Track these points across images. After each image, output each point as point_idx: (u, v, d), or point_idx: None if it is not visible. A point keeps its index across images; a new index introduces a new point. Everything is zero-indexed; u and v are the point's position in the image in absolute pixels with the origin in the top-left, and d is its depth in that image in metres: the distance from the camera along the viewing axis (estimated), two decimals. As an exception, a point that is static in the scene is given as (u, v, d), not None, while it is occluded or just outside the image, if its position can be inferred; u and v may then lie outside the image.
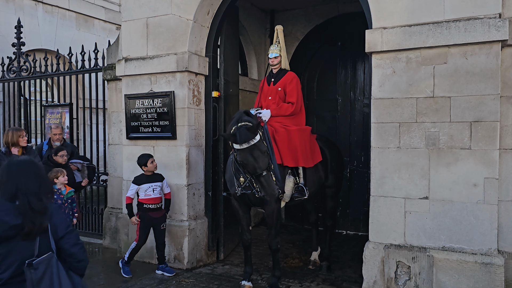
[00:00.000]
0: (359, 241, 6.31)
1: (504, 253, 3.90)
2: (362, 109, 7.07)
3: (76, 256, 2.30)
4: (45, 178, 2.40)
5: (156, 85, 5.47)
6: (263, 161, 3.99)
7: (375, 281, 4.21)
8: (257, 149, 3.94)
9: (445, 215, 3.94)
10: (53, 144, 5.85)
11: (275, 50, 4.87)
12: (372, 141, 4.25)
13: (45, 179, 2.38)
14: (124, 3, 5.77)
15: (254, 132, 3.95)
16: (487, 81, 3.78)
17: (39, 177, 2.28)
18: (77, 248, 2.32)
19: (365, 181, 6.75)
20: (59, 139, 5.92)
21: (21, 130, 5.24)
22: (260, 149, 3.95)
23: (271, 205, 4.41)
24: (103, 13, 11.69)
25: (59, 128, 5.96)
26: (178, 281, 4.88)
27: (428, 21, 3.97)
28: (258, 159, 3.99)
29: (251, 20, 7.53)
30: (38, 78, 7.54)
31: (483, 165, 3.80)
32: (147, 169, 5.06)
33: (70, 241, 2.28)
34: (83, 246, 2.41)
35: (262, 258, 5.68)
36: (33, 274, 2.11)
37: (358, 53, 6.65)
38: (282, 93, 4.80)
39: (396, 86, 4.12)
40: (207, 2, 5.30)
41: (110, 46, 6.41)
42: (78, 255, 2.31)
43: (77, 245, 2.32)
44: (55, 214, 2.28)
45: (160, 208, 5.12)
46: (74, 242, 2.31)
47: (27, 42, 8.08)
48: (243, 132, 3.97)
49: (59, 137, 5.93)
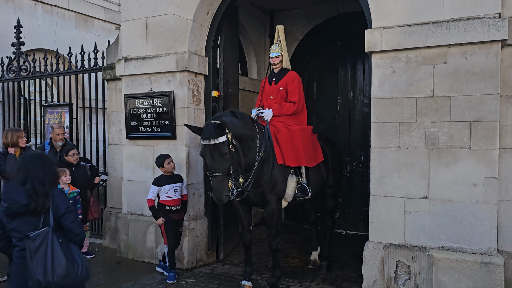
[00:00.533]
0: (358, 240, 6.31)
1: (504, 252, 3.90)
2: (361, 108, 7.07)
3: (73, 231, 2.79)
4: (50, 168, 2.85)
5: (156, 85, 5.46)
6: (219, 163, 3.87)
7: (375, 281, 4.21)
8: (216, 150, 3.85)
9: (445, 214, 3.95)
10: (55, 144, 5.83)
11: (276, 49, 4.87)
12: (372, 141, 4.25)
13: (50, 169, 2.84)
14: (124, 3, 5.77)
15: (219, 133, 3.86)
16: (487, 80, 3.78)
17: (45, 167, 2.79)
18: (75, 225, 2.81)
19: (364, 181, 6.76)
20: (62, 139, 5.88)
21: (21, 131, 5.23)
22: (219, 151, 3.85)
23: (272, 205, 4.42)
24: (102, 13, 11.68)
25: (61, 128, 5.93)
26: (178, 281, 4.88)
27: (428, 20, 3.97)
28: (214, 160, 3.89)
29: (251, 20, 7.53)
30: (38, 78, 7.53)
31: (483, 165, 3.81)
32: (164, 170, 4.98)
33: (69, 219, 2.78)
34: (80, 224, 2.90)
35: (262, 258, 5.68)
36: (31, 244, 2.61)
37: (358, 52, 6.66)
38: (284, 93, 4.79)
39: (396, 86, 4.12)
40: (206, 2, 5.30)
41: (110, 46, 6.41)
42: (75, 230, 2.80)
43: (74, 222, 2.81)
44: (57, 197, 2.78)
45: (180, 210, 5.04)
46: (72, 219, 2.80)
47: (26, 42, 8.08)
48: (209, 129, 3.92)
49: (61, 137, 5.89)
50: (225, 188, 3.88)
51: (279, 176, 4.41)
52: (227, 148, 3.88)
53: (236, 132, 4.03)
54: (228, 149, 3.89)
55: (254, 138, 4.32)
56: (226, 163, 3.90)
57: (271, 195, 4.40)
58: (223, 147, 3.86)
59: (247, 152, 4.25)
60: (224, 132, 3.89)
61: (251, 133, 4.29)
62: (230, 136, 3.92)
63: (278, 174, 4.40)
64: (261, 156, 4.33)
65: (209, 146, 3.88)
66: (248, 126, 4.30)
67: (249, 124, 4.34)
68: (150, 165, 5.53)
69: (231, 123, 4.05)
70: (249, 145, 4.25)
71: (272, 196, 4.41)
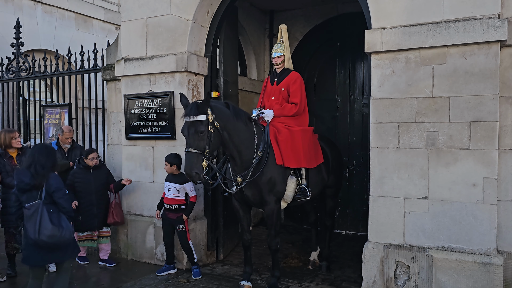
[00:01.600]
0: (358, 241, 6.31)
1: (503, 253, 3.91)
2: (361, 109, 7.08)
3: (61, 205, 3.64)
4: (52, 157, 3.71)
5: (156, 85, 5.46)
6: (194, 140, 3.90)
7: (375, 281, 4.21)
8: (194, 127, 3.91)
9: (444, 215, 3.95)
10: (63, 146, 5.79)
11: (279, 49, 4.85)
12: (371, 141, 4.26)
13: (52, 158, 3.70)
14: (124, 3, 5.77)
15: (200, 112, 3.92)
16: (486, 81, 3.78)
17: (47, 155, 3.68)
18: (62, 200, 3.64)
19: (364, 181, 6.76)
20: (70, 142, 5.86)
21: (14, 132, 5.08)
22: (196, 129, 3.90)
23: (271, 205, 4.41)
24: (102, 13, 11.67)
25: (71, 132, 5.89)
26: (177, 281, 4.88)
27: (427, 21, 3.97)
28: (190, 136, 3.93)
29: (250, 21, 7.53)
30: (37, 78, 7.53)
31: (482, 165, 3.81)
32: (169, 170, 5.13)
33: (57, 195, 3.62)
34: (68, 199, 3.75)
35: (262, 258, 5.68)
36: (26, 212, 3.57)
37: (357, 53, 6.66)
38: (286, 93, 4.78)
39: (395, 86, 4.13)
40: (206, 2, 5.30)
41: (109, 46, 6.41)
42: (62, 204, 3.65)
43: (61, 198, 3.64)
44: (51, 178, 3.64)
45: (176, 210, 5.06)
46: (60, 196, 3.64)
47: (26, 42, 8.06)
48: (191, 106, 3.99)
49: (70, 140, 5.87)
50: (197, 166, 3.88)
51: (278, 176, 4.40)
52: (205, 128, 3.92)
53: (220, 117, 4.06)
54: (206, 128, 3.93)
55: (249, 133, 4.32)
56: (202, 142, 3.92)
57: (269, 196, 4.39)
58: (201, 126, 3.91)
59: (241, 147, 4.26)
60: (205, 112, 3.93)
61: (243, 126, 4.29)
62: (211, 118, 3.95)
63: (277, 174, 4.39)
64: (259, 155, 4.33)
65: (188, 123, 3.95)
66: (240, 119, 4.29)
67: (242, 118, 4.32)
68: (150, 166, 5.53)
69: (217, 109, 4.09)
70: (241, 139, 4.26)
71: (271, 197, 4.40)
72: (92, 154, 5.36)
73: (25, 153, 5.21)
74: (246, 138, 4.30)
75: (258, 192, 4.37)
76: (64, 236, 3.58)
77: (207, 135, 3.94)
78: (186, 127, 3.97)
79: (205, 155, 3.93)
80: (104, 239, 5.55)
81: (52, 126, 7.08)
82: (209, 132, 3.94)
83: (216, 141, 4.05)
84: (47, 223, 3.51)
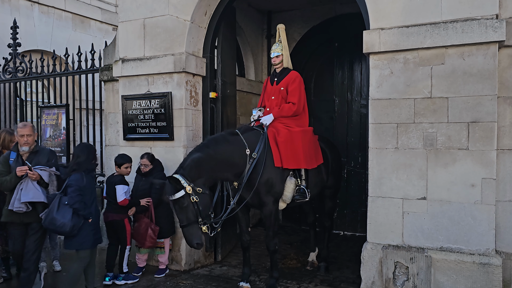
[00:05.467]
0: (356, 241, 6.31)
1: (502, 253, 3.91)
2: (359, 109, 7.08)
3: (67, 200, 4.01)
4: (91, 151, 4.25)
5: (154, 86, 5.45)
6: (182, 215, 3.91)
7: (373, 282, 4.21)
8: (177, 204, 3.91)
9: (443, 215, 3.95)
10: (20, 150, 4.26)
11: (277, 49, 4.85)
12: (370, 142, 4.26)
13: (91, 152, 4.24)
14: (121, 3, 5.76)
15: (176, 188, 3.87)
16: (485, 81, 3.79)
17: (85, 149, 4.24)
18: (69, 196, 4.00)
19: (362, 182, 6.76)
20: (28, 143, 4.24)
21: (13, 135, 4.75)
22: (179, 205, 3.90)
23: (269, 206, 4.41)
24: (99, 14, 11.64)
25: (27, 128, 4.26)
26: (175, 283, 4.86)
27: (426, 22, 3.98)
28: (178, 212, 3.95)
29: (248, 21, 7.53)
30: (34, 79, 7.50)
31: (481, 166, 3.81)
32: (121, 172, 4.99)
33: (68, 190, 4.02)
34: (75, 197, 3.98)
35: (260, 259, 5.67)
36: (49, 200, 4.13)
37: (355, 54, 6.67)
38: (285, 93, 4.77)
39: (393, 87, 4.13)
40: (204, 3, 5.29)
41: (107, 47, 6.39)
42: (68, 199, 4.00)
43: (69, 194, 4.01)
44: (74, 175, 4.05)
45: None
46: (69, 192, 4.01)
47: (23, 42, 8.03)
48: (167, 185, 3.95)
49: (27, 139, 4.23)
50: (195, 237, 3.90)
51: (275, 177, 4.39)
52: (187, 201, 3.88)
53: (198, 171, 3.98)
54: (189, 201, 3.89)
55: (234, 146, 4.28)
56: (190, 214, 3.91)
57: (267, 197, 4.38)
58: (183, 201, 3.88)
59: (229, 168, 4.24)
60: (181, 187, 3.86)
61: (226, 147, 4.22)
62: (190, 188, 3.87)
63: (274, 175, 4.38)
64: (253, 158, 4.31)
65: (172, 201, 3.94)
66: (220, 145, 4.20)
67: (220, 143, 4.24)
68: (148, 167, 5.51)
69: (190, 168, 3.96)
70: (231, 163, 4.23)
71: (269, 198, 4.39)
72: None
73: None
74: (233, 153, 4.25)
75: (255, 193, 4.36)
76: (61, 229, 3.94)
77: (192, 206, 3.91)
78: (172, 204, 3.98)
79: (199, 222, 3.93)
80: None
81: (49, 127, 7.05)
82: (193, 203, 3.90)
83: (205, 202, 4.00)
84: (54, 211, 3.93)
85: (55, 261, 5.29)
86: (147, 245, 4.87)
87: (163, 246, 5.11)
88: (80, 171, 4.06)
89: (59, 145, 6.94)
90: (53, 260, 5.29)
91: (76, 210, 3.96)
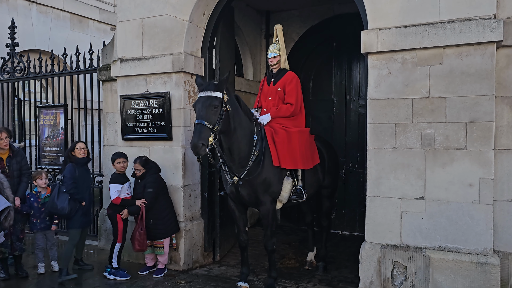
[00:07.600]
0: (355, 241, 6.32)
1: (500, 252, 3.92)
2: (357, 109, 7.09)
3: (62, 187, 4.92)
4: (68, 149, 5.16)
5: (152, 86, 5.45)
6: (207, 112, 3.91)
7: (372, 281, 4.22)
8: (208, 101, 3.95)
9: (441, 215, 3.96)
10: None
11: (274, 49, 4.85)
12: (368, 142, 4.26)
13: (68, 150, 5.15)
14: (120, 3, 5.75)
15: (217, 89, 4.01)
16: (482, 81, 3.80)
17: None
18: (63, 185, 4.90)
19: (360, 182, 6.77)
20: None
21: (0, 132, 4.81)
22: (211, 103, 3.94)
23: (266, 206, 4.41)
24: (97, 14, 11.63)
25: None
26: (174, 283, 4.86)
27: (424, 22, 3.98)
28: (203, 109, 3.94)
29: (247, 21, 7.53)
30: (32, 79, 7.49)
31: (479, 165, 3.82)
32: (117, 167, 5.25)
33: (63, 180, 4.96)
34: (68, 186, 4.85)
35: (259, 259, 5.67)
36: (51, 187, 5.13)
37: (353, 53, 6.68)
38: (282, 94, 4.78)
39: (392, 87, 4.13)
40: (202, 3, 5.29)
41: (105, 46, 6.38)
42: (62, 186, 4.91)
43: (63, 182, 4.92)
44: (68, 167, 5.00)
45: None
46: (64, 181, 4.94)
47: (21, 42, 8.01)
48: (208, 83, 4.12)
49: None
50: (203, 138, 3.86)
51: (273, 177, 4.40)
52: (219, 104, 3.98)
53: (231, 104, 4.16)
54: (220, 105, 3.99)
55: (250, 131, 4.35)
56: (214, 117, 3.94)
57: (265, 196, 4.39)
58: (215, 100, 3.97)
59: (241, 143, 4.27)
60: (222, 90, 4.02)
61: (248, 122, 4.35)
62: (226, 98, 4.03)
63: (272, 175, 4.39)
64: (256, 155, 4.32)
65: (203, 98, 3.99)
66: (246, 114, 4.38)
67: (248, 114, 4.42)
68: (146, 166, 5.50)
69: (231, 95, 4.20)
70: (243, 133, 4.28)
71: (266, 197, 4.40)
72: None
73: (17, 155, 5.09)
74: (247, 135, 4.32)
75: (253, 192, 4.37)
76: (62, 211, 4.82)
77: (219, 112, 3.98)
78: (201, 101, 4.00)
79: (214, 131, 3.93)
80: None
81: (48, 127, 7.04)
82: (221, 110, 3.99)
83: (225, 123, 4.07)
84: (54, 198, 4.81)
85: (53, 261, 5.29)
86: (136, 248, 4.92)
87: (162, 246, 5.10)
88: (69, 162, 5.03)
89: (57, 145, 6.93)
90: (51, 260, 5.29)
91: (72, 194, 4.84)
